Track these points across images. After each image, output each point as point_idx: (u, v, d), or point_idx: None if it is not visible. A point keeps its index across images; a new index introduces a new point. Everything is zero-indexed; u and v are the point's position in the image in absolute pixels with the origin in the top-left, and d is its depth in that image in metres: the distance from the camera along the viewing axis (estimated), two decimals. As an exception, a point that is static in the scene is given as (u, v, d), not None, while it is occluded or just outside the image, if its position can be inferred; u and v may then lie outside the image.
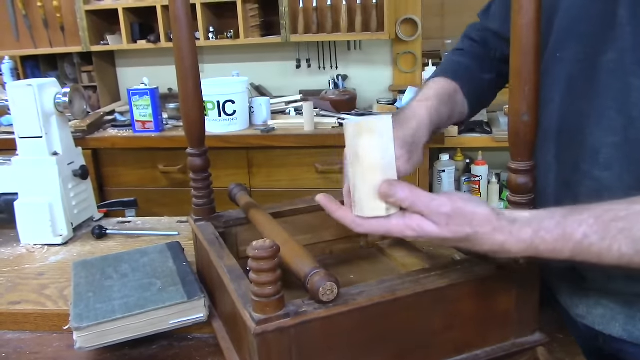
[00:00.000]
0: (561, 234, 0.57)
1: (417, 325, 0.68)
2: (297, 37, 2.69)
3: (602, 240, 0.56)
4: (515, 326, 0.74)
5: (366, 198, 0.64)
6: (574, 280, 0.79)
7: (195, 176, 0.89)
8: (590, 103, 0.72)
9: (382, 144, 0.63)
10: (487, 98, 1.01)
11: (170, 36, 2.77)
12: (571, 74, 0.75)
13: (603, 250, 0.57)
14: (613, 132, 0.70)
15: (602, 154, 0.71)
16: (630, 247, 0.56)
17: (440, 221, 0.59)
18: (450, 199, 0.60)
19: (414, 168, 0.80)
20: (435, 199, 0.60)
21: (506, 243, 0.59)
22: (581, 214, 0.58)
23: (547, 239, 0.58)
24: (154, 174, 2.52)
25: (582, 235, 0.57)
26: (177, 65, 0.82)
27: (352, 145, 0.64)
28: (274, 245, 0.58)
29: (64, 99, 1.20)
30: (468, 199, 0.61)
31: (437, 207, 0.59)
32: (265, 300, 0.59)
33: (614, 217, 0.57)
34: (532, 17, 0.62)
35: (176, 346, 0.82)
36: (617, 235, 0.56)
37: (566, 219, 0.58)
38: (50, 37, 2.95)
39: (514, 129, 0.66)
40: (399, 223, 0.62)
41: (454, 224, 0.59)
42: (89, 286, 0.86)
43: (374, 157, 0.63)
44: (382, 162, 0.63)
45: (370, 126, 0.62)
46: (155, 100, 2.43)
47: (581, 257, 0.58)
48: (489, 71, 0.97)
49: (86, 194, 1.32)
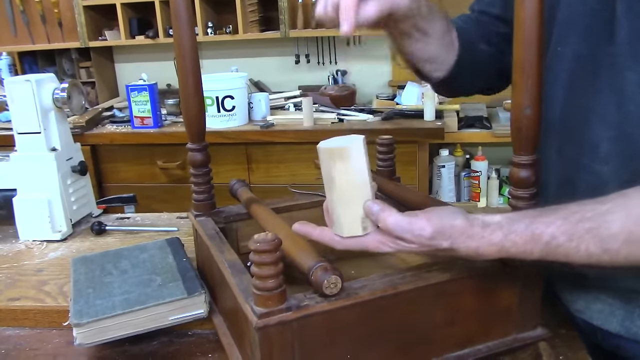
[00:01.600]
0: (530, 236, 0.59)
1: (419, 320, 0.68)
2: (296, 32, 2.69)
3: (570, 241, 0.58)
4: (517, 321, 0.73)
5: (344, 219, 0.65)
6: (573, 276, 0.79)
7: (195, 171, 0.88)
8: (592, 98, 0.71)
9: (356, 166, 0.64)
10: (487, 71, 0.92)
11: (169, 32, 2.76)
12: (573, 68, 0.74)
13: (571, 250, 0.58)
14: (611, 127, 0.70)
15: (602, 148, 0.71)
16: (597, 247, 0.57)
17: (422, 242, 0.62)
18: (429, 221, 0.61)
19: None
20: (413, 223, 0.61)
21: (479, 248, 0.61)
22: (549, 215, 0.60)
23: (516, 242, 0.60)
24: (153, 170, 2.52)
25: (549, 236, 0.59)
26: (178, 61, 0.81)
27: (327, 169, 0.66)
28: (275, 238, 0.57)
29: (62, 95, 1.20)
30: (445, 214, 0.62)
31: (418, 231, 0.61)
32: (267, 293, 0.59)
33: (581, 218, 0.58)
34: (535, 9, 0.61)
35: (176, 342, 0.82)
36: (584, 235, 0.57)
37: (534, 221, 0.60)
38: (48, 33, 2.94)
39: (517, 122, 0.66)
40: (374, 239, 0.65)
41: (434, 242, 0.61)
42: (89, 282, 0.85)
43: (347, 180, 0.64)
44: (356, 184, 0.64)
45: (341, 152, 0.63)
46: (153, 96, 2.42)
47: (550, 257, 0.60)
48: (487, 44, 0.90)
49: (85, 190, 1.32)
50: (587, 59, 0.72)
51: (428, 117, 2.34)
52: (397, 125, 2.33)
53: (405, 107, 2.50)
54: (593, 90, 0.71)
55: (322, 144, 0.66)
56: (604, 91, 0.70)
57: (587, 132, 0.72)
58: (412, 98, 2.56)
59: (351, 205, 0.65)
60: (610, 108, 0.69)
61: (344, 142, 0.64)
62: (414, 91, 2.57)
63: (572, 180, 0.75)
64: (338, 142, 0.65)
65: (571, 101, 0.75)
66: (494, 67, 0.91)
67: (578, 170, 0.74)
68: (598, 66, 0.71)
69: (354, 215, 0.65)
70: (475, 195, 2.52)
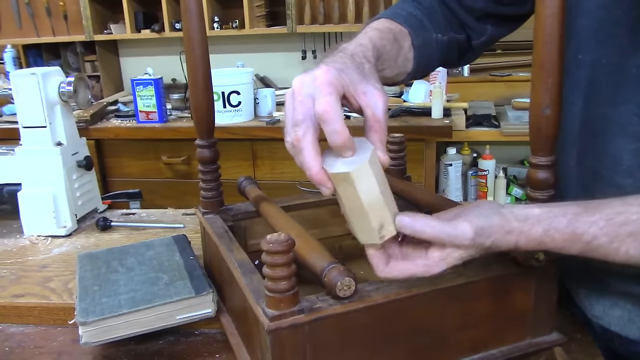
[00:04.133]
0: (570, 234, 0.58)
1: (433, 323, 0.66)
2: (303, 28, 2.67)
3: (611, 243, 0.57)
4: (532, 325, 0.72)
5: (359, 232, 0.62)
6: (592, 282, 0.77)
7: (204, 168, 0.87)
8: (615, 109, 0.69)
9: (363, 187, 0.59)
10: (434, 61, 0.89)
11: (174, 26, 2.75)
12: (595, 77, 0.72)
13: (610, 251, 0.58)
14: (635, 139, 0.68)
15: (624, 160, 0.69)
16: (637, 250, 0.56)
17: (465, 245, 0.59)
18: (470, 222, 0.59)
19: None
20: (457, 228, 0.58)
21: (519, 242, 0.60)
22: (593, 214, 0.58)
23: (556, 238, 0.58)
24: (157, 165, 2.50)
25: (591, 236, 0.57)
26: (187, 56, 0.80)
27: (335, 189, 0.61)
28: (289, 239, 0.56)
29: (68, 88, 1.18)
30: (482, 213, 0.60)
31: (461, 235, 0.58)
32: (279, 295, 0.57)
33: (625, 220, 0.57)
34: (557, 7, 0.59)
35: (183, 341, 0.81)
36: (626, 239, 0.57)
37: (577, 219, 0.58)
38: (53, 26, 2.93)
39: (536, 122, 0.64)
40: (419, 264, 0.60)
41: (476, 242, 0.59)
42: (95, 279, 0.84)
43: (354, 202, 0.60)
44: (366, 203, 0.59)
45: (345, 177, 0.58)
46: (159, 91, 2.41)
47: (589, 255, 0.59)
48: (442, 32, 0.87)
49: (90, 185, 1.30)
50: (610, 68, 0.70)
51: (436, 114, 2.32)
52: (404, 122, 2.31)
53: (413, 104, 2.48)
54: (616, 100, 0.69)
55: (327, 162, 0.60)
56: (627, 102, 0.68)
57: (608, 143, 0.70)
58: (419, 95, 2.54)
59: (365, 221, 0.60)
60: (634, 119, 0.67)
61: (343, 169, 0.59)
62: (422, 88, 2.55)
63: (591, 191, 0.73)
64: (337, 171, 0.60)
65: (591, 110, 0.72)
66: (444, 56, 0.90)
67: (597, 181, 0.72)
68: (622, 76, 0.68)
69: (369, 228, 0.60)
70: (482, 194, 2.50)
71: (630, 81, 0.68)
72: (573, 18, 0.73)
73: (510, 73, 2.75)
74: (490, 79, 2.75)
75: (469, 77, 2.78)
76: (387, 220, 0.60)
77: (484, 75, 2.78)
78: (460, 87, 2.68)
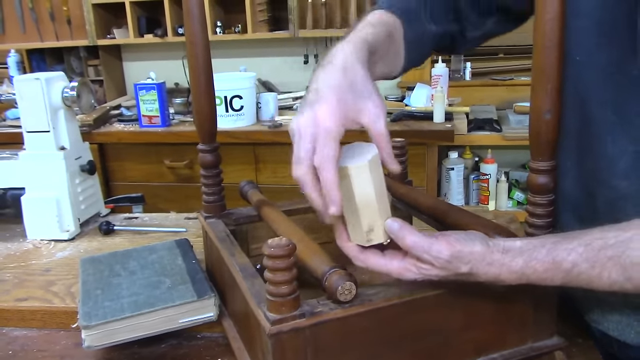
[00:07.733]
0: (551, 263, 0.59)
1: (434, 327, 0.66)
2: (305, 32, 2.67)
3: (592, 269, 0.57)
4: (533, 329, 0.72)
5: (351, 230, 0.64)
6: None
7: (206, 172, 0.87)
8: (617, 111, 0.69)
9: (359, 185, 0.61)
10: (425, 54, 0.90)
11: (177, 30, 2.76)
12: (595, 79, 0.72)
13: (593, 277, 0.58)
14: (635, 141, 0.68)
15: (622, 162, 0.69)
16: (619, 274, 0.57)
17: (440, 264, 0.60)
18: (448, 243, 0.60)
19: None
20: (433, 244, 0.60)
21: (500, 275, 0.60)
22: (571, 242, 0.59)
23: (537, 269, 0.59)
24: (160, 169, 2.51)
25: (571, 264, 0.58)
26: (190, 61, 0.80)
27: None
28: (290, 244, 0.56)
29: (71, 93, 1.19)
30: (464, 238, 0.61)
31: (436, 253, 0.60)
32: (280, 299, 0.58)
33: (603, 245, 0.57)
34: (557, 12, 0.60)
35: (185, 345, 0.81)
36: (607, 263, 0.57)
37: (556, 247, 0.59)
38: (57, 31, 2.94)
39: (536, 127, 0.64)
40: (397, 265, 0.63)
41: (451, 266, 0.60)
42: (97, 283, 0.85)
43: (349, 198, 0.62)
44: (359, 201, 0.61)
45: (345, 172, 0.61)
46: (162, 95, 2.41)
47: (572, 284, 0.59)
48: (436, 21, 0.87)
49: (93, 189, 1.31)
50: (610, 70, 0.70)
51: (437, 119, 2.33)
52: (406, 126, 2.32)
53: (414, 108, 2.48)
54: (619, 103, 0.69)
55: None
56: (631, 104, 0.68)
57: (609, 145, 0.70)
58: (421, 99, 2.54)
59: (356, 220, 0.62)
60: (635, 121, 0.67)
61: (352, 155, 0.62)
62: (423, 93, 2.55)
63: (589, 192, 0.74)
64: (350, 152, 0.63)
65: (591, 112, 0.73)
66: (437, 47, 0.90)
67: (595, 183, 0.73)
68: (622, 79, 0.68)
69: (359, 228, 0.63)
70: (484, 198, 2.50)
71: (631, 84, 0.68)
72: (569, 19, 0.74)
73: (512, 77, 2.75)
74: (491, 83, 2.75)
75: (471, 81, 2.78)
76: (377, 226, 0.62)
77: (486, 79, 2.79)
78: (461, 91, 2.69)
